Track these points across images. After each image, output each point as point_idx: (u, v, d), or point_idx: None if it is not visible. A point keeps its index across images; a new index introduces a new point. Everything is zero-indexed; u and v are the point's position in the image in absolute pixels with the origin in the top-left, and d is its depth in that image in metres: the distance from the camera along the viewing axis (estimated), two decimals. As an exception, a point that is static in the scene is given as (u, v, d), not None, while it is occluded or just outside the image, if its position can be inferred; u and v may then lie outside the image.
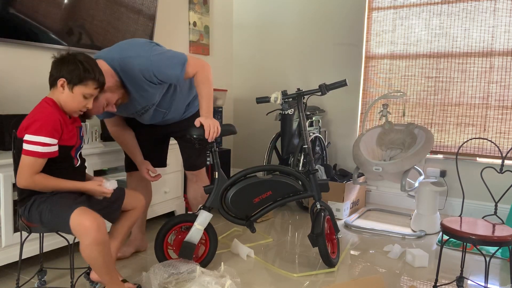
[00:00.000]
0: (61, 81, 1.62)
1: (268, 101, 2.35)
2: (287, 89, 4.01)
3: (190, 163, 2.37)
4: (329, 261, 2.23)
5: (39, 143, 1.56)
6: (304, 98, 2.35)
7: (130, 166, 2.35)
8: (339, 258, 2.35)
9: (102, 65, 1.86)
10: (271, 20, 4.07)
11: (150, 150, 2.32)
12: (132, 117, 2.19)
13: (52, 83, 1.65)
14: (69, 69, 1.62)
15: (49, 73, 1.65)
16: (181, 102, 2.21)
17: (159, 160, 2.43)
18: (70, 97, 1.64)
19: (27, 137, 1.57)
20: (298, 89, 2.41)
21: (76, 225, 1.55)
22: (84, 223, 1.54)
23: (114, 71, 1.89)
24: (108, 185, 1.75)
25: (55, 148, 1.62)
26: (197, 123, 1.99)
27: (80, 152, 1.80)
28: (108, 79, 1.83)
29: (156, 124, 2.29)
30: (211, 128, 1.97)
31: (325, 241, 2.17)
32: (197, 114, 2.14)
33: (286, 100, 2.34)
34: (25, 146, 1.57)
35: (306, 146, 2.30)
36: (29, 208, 1.65)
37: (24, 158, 1.58)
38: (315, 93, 2.29)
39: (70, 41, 2.60)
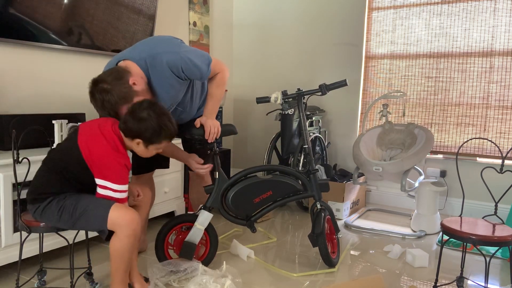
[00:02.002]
0: (137, 141, 1.69)
1: (268, 101, 2.35)
2: (287, 89, 4.01)
3: None
4: (329, 261, 2.23)
5: (122, 191, 1.68)
6: (304, 98, 2.35)
7: (138, 169, 2.34)
8: (339, 258, 2.35)
9: (133, 67, 1.88)
10: (271, 20, 4.07)
11: None
12: None
13: (127, 134, 1.69)
14: (150, 132, 1.67)
15: (124, 119, 1.68)
16: (196, 102, 2.22)
17: (163, 160, 2.42)
18: (144, 151, 1.74)
19: (113, 186, 1.66)
20: (298, 89, 2.41)
21: (117, 217, 1.62)
22: (125, 216, 1.63)
23: (144, 72, 1.91)
24: None
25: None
26: (197, 123, 1.98)
27: None
28: (140, 82, 1.86)
29: None
30: (211, 128, 1.97)
31: (325, 241, 2.17)
32: None
33: (286, 100, 2.34)
34: (115, 194, 1.67)
35: (306, 146, 2.30)
36: (44, 208, 1.65)
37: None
38: (315, 93, 2.29)
39: (70, 41, 2.60)
